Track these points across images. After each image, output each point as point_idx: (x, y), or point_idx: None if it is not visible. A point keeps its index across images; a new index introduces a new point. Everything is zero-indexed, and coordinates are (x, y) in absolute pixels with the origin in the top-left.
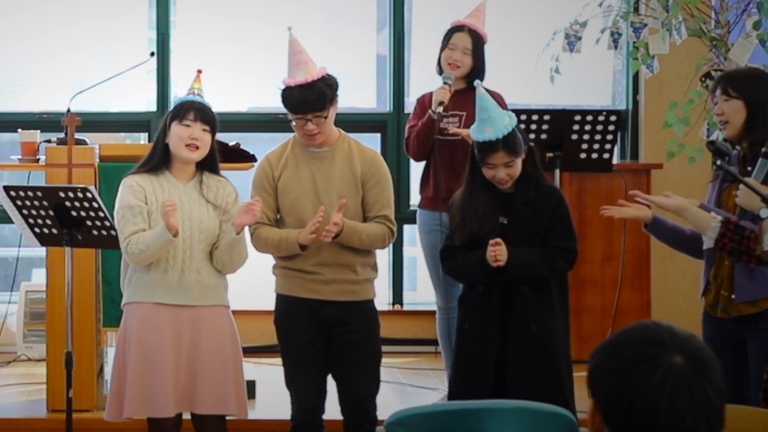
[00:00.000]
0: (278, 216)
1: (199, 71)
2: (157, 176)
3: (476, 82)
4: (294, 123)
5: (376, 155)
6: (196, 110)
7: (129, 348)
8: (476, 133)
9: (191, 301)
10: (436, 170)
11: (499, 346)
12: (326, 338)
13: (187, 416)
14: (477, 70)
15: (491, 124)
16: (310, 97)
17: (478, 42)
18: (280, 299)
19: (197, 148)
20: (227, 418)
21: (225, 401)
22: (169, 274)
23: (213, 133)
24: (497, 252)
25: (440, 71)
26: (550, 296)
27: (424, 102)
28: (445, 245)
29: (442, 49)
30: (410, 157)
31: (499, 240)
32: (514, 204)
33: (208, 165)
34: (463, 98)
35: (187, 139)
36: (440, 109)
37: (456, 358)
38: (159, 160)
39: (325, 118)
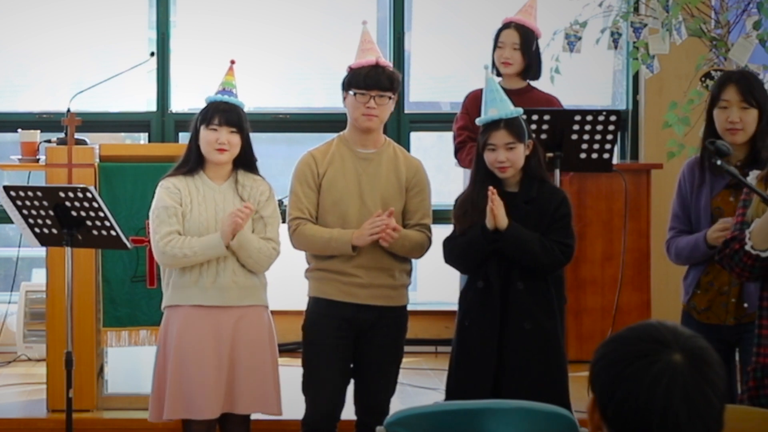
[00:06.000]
0: (316, 213)
1: (233, 62)
2: (193, 177)
3: (484, 65)
4: (355, 99)
5: (420, 163)
6: (221, 113)
7: (169, 351)
8: (481, 116)
9: (229, 302)
10: None
11: (497, 343)
12: (353, 343)
13: None
14: (529, 65)
15: (496, 106)
16: (380, 75)
17: (527, 37)
18: (314, 302)
19: (227, 149)
20: (260, 417)
21: (265, 401)
22: (204, 277)
23: (242, 132)
24: (494, 201)
25: (496, 72)
26: (548, 295)
27: (476, 98)
28: (446, 238)
29: (493, 50)
30: (463, 167)
31: (494, 190)
32: (517, 202)
33: (243, 163)
34: (518, 99)
35: (215, 144)
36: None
37: (456, 355)
38: (194, 162)
39: (390, 98)
